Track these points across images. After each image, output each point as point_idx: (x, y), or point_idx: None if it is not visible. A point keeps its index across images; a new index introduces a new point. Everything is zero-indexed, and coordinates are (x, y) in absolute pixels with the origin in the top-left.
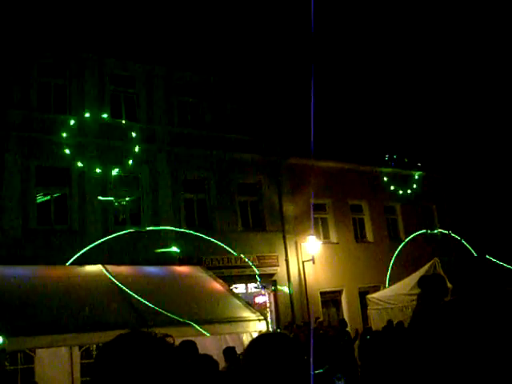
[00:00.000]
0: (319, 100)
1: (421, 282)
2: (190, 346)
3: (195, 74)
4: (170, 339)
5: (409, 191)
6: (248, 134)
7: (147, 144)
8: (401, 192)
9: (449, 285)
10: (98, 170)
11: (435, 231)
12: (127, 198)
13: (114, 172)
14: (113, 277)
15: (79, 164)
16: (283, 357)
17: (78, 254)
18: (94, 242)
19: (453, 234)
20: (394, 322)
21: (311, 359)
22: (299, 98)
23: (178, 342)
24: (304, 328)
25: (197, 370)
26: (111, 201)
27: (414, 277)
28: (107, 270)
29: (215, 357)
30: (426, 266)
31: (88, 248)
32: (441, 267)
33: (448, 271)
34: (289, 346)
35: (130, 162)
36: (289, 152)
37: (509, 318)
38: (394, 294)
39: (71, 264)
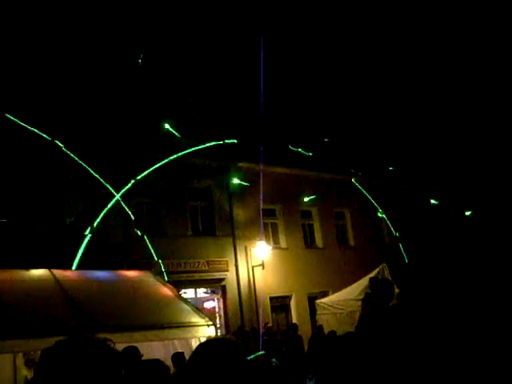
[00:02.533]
0: (269, 105)
1: (372, 283)
2: (133, 351)
3: None
4: (109, 343)
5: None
6: (199, 138)
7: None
8: (349, 198)
9: (396, 289)
10: None
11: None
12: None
13: None
14: (59, 281)
15: None
16: (227, 361)
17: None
18: (40, 244)
19: (398, 238)
20: (343, 327)
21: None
22: (250, 103)
23: (124, 347)
24: (252, 333)
25: (146, 375)
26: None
27: (362, 282)
28: (53, 274)
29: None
30: (374, 272)
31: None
32: (389, 273)
33: (395, 277)
34: (233, 351)
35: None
36: (239, 157)
37: (449, 323)
38: (343, 299)
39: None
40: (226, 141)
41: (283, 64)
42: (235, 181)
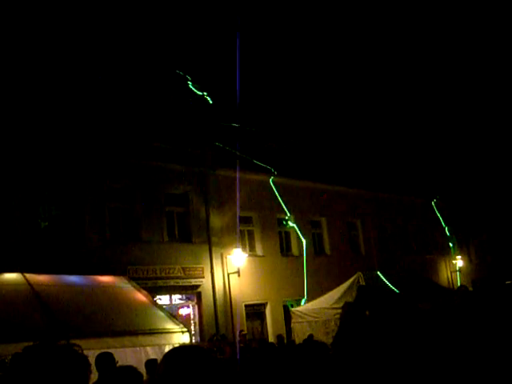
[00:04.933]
0: (247, 112)
1: (359, 291)
2: (107, 357)
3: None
4: (77, 348)
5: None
6: (175, 143)
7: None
8: (326, 207)
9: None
10: None
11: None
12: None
13: None
14: (32, 285)
15: None
16: (196, 369)
17: None
18: (13, 248)
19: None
20: (317, 336)
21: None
22: (227, 110)
23: (98, 353)
24: (223, 341)
25: (120, 380)
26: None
27: (337, 291)
28: (26, 279)
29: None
30: (350, 280)
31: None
32: (364, 281)
33: (370, 286)
34: (201, 359)
35: None
36: (216, 163)
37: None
38: (318, 308)
39: None
40: (204, 147)
41: (261, 65)
42: (212, 187)
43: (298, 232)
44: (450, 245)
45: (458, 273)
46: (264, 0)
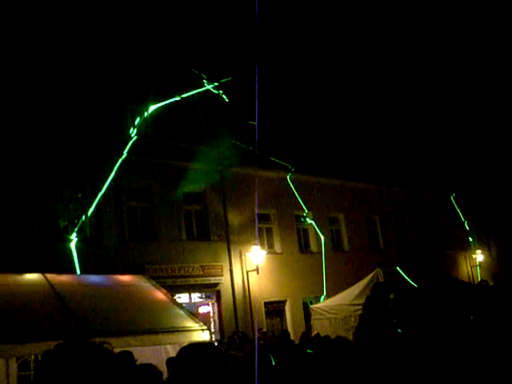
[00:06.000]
0: (263, 110)
1: (374, 288)
2: (127, 356)
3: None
4: (107, 346)
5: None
6: (193, 142)
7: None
8: (344, 203)
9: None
10: None
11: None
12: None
13: None
14: (53, 285)
15: None
16: (208, 365)
17: None
18: (34, 250)
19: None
20: (338, 332)
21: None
22: (243, 107)
23: (118, 351)
24: (243, 339)
25: (140, 379)
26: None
27: (357, 287)
28: (47, 279)
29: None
30: (369, 277)
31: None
32: (383, 278)
33: (389, 282)
34: (213, 355)
35: None
36: (234, 161)
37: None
38: (337, 304)
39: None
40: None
41: (279, 67)
42: (229, 185)
43: (317, 228)
44: (470, 239)
45: (478, 267)
46: None
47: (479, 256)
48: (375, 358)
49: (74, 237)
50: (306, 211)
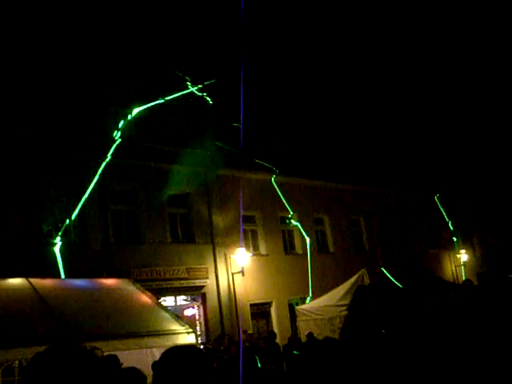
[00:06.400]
0: (248, 112)
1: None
2: (112, 360)
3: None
4: (98, 352)
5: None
6: (176, 144)
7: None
8: (328, 204)
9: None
10: None
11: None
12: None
13: None
14: (37, 290)
15: None
16: (190, 368)
17: None
18: (16, 253)
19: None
20: (323, 333)
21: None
22: (227, 109)
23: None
24: (229, 341)
25: (124, 382)
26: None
27: (342, 288)
28: (31, 283)
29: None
30: (354, 277)
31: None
32: (368, 278)
33: (373, 284)
34: (196, 358)
35: None
36: (218, 163)
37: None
38: (322, 305)
39: None
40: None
41: (263, 69)
42: (214, 187)
43: (302, 230)
44: (454, 239)
45: (462, 267)
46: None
47: (463, 256)
48: (361, 358)
49: (58, 240)
50: (292, 213)
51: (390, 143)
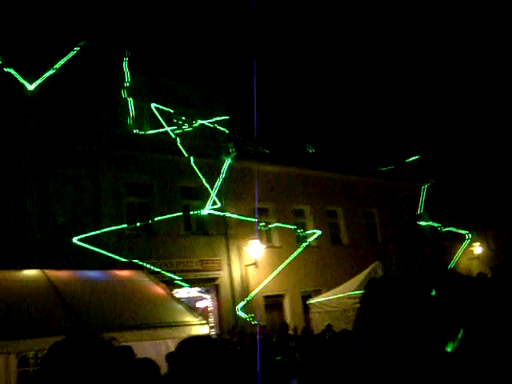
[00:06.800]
0: (264, 101)
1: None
2: (126, 351)
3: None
4: (115, 342)
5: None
6: (190, 137)
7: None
8: (342, 197)
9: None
10: None
11: None
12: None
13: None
14: (52, 281)
15: None
16: (206, 358)
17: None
18: (33, 245)
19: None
20: (337, 326)
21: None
22: (242, 99)
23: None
24: (242, 333)
25: (137, 373)
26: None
27: (355, 280)
28: (46, 275)
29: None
30: (368, 270)
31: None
32: (382, 270)
33: (385, 277)
34: (212, 349)
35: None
36: (232, 155)
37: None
38: (335, 298)
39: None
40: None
41: (280, 59)
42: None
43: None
44: (466, 232)
45: (476, 260)
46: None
47: (477, 249)
48: (374, 351)
49: (73, 232)
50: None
51: (405, 135)
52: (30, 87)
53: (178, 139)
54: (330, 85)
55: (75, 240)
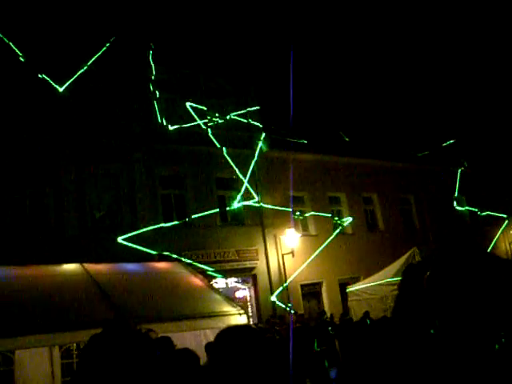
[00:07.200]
0: (297, 91)
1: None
2: (166, 341)
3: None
4: (152, 334)
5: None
6: (223, 128)
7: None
8: (377, 183)
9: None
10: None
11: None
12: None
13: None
14: (92, 275)
15: None
16: (247, 348)
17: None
18: (72, 240)
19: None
20: (375, 313)
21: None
22: (276, 89)
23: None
24: (280, 322)
25: (177, 363)
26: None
27: (393, 267)
28: (85, 269)
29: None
30: (405, 256)
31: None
32: (420, 257)
33: (423, 261)
34: (252, 338)
35: None
36: (266, 144)
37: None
38: (374, 285)
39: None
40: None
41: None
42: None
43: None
44: (503, 215)
45: None
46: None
47: None
48: (413, 339)
49: (110, 227)
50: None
51: (440, 119)
52: (61, 89)
53: (209, 130)
54: (363, 72)
55: (120, 240)
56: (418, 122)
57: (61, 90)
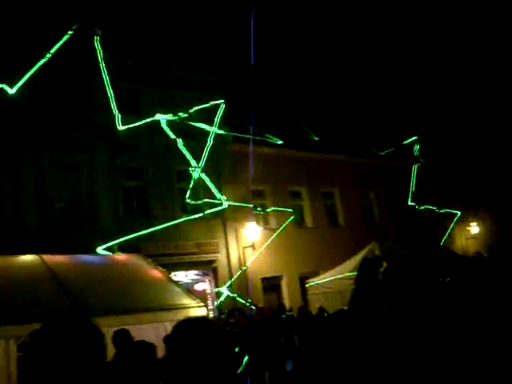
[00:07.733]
0: (259, 82)
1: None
2: (124, 334)
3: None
4: (94, 322)
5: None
6: (186, 119)
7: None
8: (337, 177)
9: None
10: None
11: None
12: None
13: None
14: (50, 266)
15: None
16: (203, 339)
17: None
18: (30, 231)
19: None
20: (334, 306)
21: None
22: (240, 82)
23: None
24: (240, 315)
25: (133, 355)
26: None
27: (352, 261)
28: (44, 260)
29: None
30: (365, 250)
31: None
32: (379, 251)
33: (386, 255)
34: (209, 330)
35: None
36: (228, 138)
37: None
38: (333, 279)
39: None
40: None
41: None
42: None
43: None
44: (455, 211)
45: (472, 240)
46: None
47: (474, 228)
48: (368, 331)
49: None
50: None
51: (402, 117)
52: (12, 91)
53: (164, 121)
54: (329, 67)
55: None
56: (380, 118)
57: (12, 91)
